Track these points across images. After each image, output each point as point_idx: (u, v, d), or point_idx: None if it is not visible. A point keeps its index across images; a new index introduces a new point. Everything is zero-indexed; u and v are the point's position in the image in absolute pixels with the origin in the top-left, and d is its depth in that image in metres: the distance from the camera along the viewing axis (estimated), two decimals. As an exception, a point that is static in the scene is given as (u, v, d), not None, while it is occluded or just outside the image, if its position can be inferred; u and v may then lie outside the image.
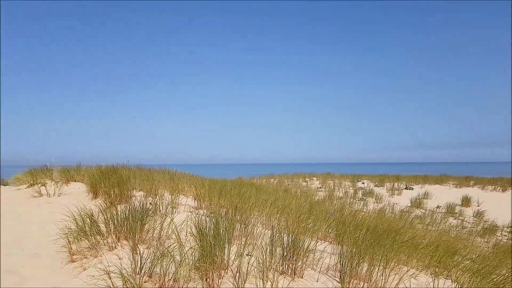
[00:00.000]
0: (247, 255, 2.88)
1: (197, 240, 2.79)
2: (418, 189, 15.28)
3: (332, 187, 15.68)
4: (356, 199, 13.03)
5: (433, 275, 3.25)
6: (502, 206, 12.09)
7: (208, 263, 2.53)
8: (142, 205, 3.78)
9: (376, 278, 2.80)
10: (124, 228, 3.41)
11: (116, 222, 3.43)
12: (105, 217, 3.50)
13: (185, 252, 2.57)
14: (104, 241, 3.36)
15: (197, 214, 4.07)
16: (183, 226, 3.38)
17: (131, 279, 2.32)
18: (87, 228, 3.40)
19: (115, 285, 2.33)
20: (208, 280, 2.51)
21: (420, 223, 8.74)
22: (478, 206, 12.28)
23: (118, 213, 3.46)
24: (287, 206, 5.27)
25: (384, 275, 2.80)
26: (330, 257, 3.17)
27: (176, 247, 2.72)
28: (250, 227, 3.54)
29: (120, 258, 2.97)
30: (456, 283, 3.10)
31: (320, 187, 16.00)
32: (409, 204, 12.54)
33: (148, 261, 2.58)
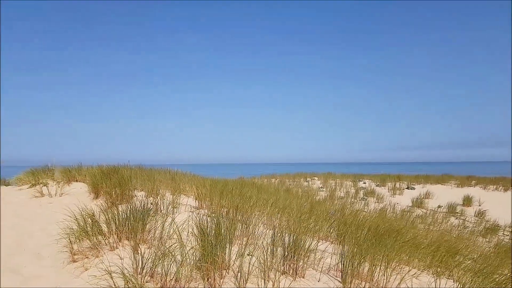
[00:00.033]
0: (249, 255, 2.88)
1: (199, 240, 2.80)
2: (420, 189, 15.26)
3: (334, 187, 15.66)
4: (358, 199, 13.03)
5: (435, 275, 3.24)
6: (504, 206, 12.05)
7: (210, 263, 2.53)
8: (144, 205, 3.78)
9: (378, 278, 2.80)
10: (126, 228, 3.41)
11: (118, 222, 3.43)
12: (107, 217, 3.50)
13: (187, 252, 2.58)
14: (106, 241, 3.37)
15: (198, 214, 4.08)
16: (185, 226, 3.39)
17: (133, 279, 2.33)
18: (89, 228, 3.41)
19: (117, 285, 2.34)
20: (210, 280, 2.51)
21: (422, 223, 8.72)
22: (480, 206, 12.25)
23: (120, 213, 3.46)
24: (288, 206, 5.27)
25: (386, 275, 2.80)
26: (332, 257, 3.16)
27: (178, 247, 2.72)
28: (251, 227, 3.55)
29: (122, 258, 2.98)
30: (458, 283, 3.09)
31: (322, 187, 15.99)
32: (411, 204, 12.51)
33: (150, 261, 2.58)
